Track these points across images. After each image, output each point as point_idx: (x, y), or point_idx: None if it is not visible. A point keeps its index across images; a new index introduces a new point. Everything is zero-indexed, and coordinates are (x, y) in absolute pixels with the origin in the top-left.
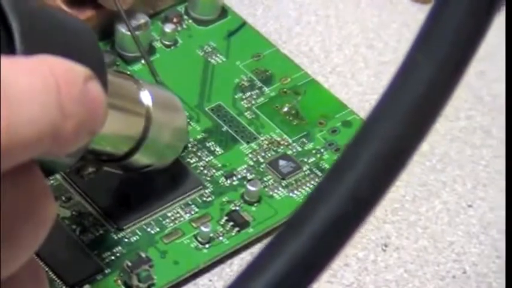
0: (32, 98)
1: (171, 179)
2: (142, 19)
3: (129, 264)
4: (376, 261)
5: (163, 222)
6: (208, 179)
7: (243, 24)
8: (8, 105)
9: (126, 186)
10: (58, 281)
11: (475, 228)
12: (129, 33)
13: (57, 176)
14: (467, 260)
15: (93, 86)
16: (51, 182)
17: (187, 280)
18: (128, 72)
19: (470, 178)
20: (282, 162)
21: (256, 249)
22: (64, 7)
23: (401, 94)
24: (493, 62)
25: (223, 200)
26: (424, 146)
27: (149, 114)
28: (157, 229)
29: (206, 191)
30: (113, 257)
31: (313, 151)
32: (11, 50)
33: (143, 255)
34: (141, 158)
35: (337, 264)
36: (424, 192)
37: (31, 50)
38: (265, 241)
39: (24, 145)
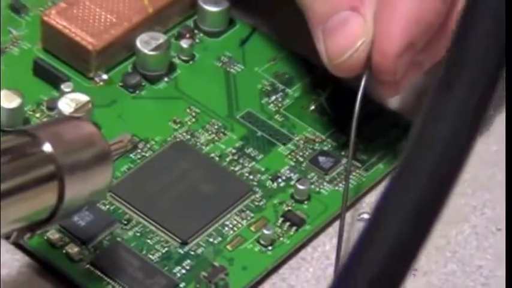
0: None
1: (220, 188)
2: (161, 38)
3: (206, 275)
4: (404, 286)
5: (224, 230)
6: (256, 183)
7: (253, 30)
8: None
9: (181, 202)
10: None
11: (504, 252)
12: (151, 53)
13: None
14: (496, 284)
15: None
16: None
17: (257, 283)
18: (20, 128)
19: (500, 202)
20: (321, 159)
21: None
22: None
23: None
24: None
25: (275, 202)
26: None
27: (60, 169)
28: (220, 238)
29: (256, 195)
30: (183, 271)
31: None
32: None
33: (217, 264)
34: (69, 208)
35: None
36: (453, 216)
37: None
38: (322, 237)
39: None
